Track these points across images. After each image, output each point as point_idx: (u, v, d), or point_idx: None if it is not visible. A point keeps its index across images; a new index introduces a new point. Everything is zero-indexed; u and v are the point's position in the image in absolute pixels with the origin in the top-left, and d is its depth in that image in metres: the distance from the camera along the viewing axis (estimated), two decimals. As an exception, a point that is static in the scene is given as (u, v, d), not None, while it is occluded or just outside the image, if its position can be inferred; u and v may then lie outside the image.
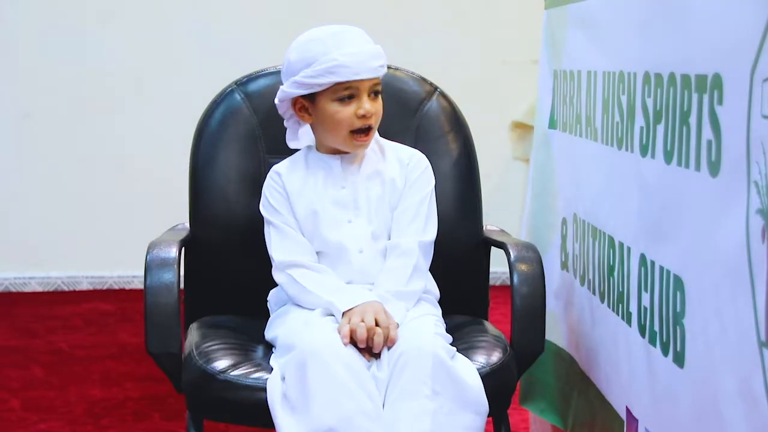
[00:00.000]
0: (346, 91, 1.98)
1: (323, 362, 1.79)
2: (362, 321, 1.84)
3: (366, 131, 2.00)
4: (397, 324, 1.88)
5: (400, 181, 2.06)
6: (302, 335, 1.86)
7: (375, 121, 2.01)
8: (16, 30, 4.21)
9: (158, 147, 4.26)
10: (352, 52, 1.96)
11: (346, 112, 1.98)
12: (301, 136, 2.12)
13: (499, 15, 4.34)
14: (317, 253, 2.03)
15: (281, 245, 2.02)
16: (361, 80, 1.97)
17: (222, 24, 4.27)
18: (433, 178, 2.10)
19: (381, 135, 2.12)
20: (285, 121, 2.10)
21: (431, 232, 2.06)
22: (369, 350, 1.85)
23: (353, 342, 1.83)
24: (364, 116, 1.98)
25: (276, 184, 2.06)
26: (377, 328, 1.84)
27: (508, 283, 2.04)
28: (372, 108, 1.99)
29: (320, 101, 1.99)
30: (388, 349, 1.84)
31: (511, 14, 4.30)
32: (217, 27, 4.27)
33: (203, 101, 2.28)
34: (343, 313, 1.89)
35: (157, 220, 2.86)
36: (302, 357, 1.80)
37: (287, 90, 2.01)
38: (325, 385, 1.77)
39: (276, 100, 2.06)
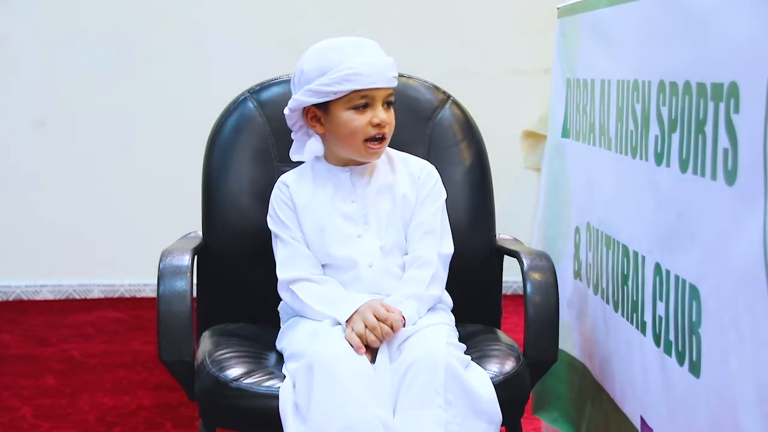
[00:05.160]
0: (361, 100, 1.97)
1: (329, 370, 1.79)
2: (366, 326, 1.84)
3: (380, 140, 2.00)
4: (400, 311, 1.88)
5: (412, 196, 2.05)
6: (311, 344, 1.86)
7: (389, 131, 2.01)
8: (28, 39, 4.22)
9: (170, 155, 4.27)
10: (369, 61, 1.96)
11: (361, 120, 1.98)
12: (307, 149, 2.11)
13: (511, 24, 4.34)
14: (326, 265, 2.03)
15: (286, 262, 2.02)
16: (377, 89, 1.97)
17: (234, 32, 4.28)
18: (444, 190, 2.10)
19: (394, 144, 2.11)
20: (293, 133, 2.09)
21: (448, 246, 2.05)
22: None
23: (367, 347, 1.84)
24: (378, 125, 1.98)
25: (284, 196, 2.06)
26: (381, 323, 1.84)
27: (521, 292, 2.04)
28: (386, 117, 1.99)
29: (334, 110, 1.99)
30: (399, 351, 1.85)
31: (523, 23, 4.30)
32: (229, 35, 4.28)
33: (216, 109, 2.28)
34: (346, 323, 1.89)
35: (168, 229, 2.86)
36: (310, 365, 1.81)
37: (300, 99, 2.00)
38: (330, 393, 1.77)
39: (286, 110, 2.05)
